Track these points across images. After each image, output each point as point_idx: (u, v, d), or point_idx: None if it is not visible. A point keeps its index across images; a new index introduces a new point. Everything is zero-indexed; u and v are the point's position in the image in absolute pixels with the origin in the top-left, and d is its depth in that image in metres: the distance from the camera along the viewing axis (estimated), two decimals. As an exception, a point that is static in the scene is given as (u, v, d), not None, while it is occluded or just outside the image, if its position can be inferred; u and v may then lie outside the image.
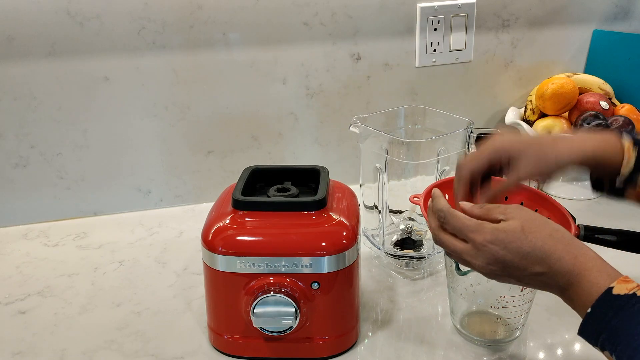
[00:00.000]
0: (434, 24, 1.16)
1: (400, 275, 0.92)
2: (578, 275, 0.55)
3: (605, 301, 0.52)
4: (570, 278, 0.55)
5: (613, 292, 0.52)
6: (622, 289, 0.52)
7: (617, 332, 0.51)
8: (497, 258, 0.58)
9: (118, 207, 1.13)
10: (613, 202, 0.69)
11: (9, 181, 1.07)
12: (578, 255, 0.56)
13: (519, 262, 0.57)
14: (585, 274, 0.55)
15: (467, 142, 0.89)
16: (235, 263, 0.70)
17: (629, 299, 0.51)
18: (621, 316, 0.51)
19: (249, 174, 0.80)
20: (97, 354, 0.76)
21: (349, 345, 0.76)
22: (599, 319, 0.52)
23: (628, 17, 1.27)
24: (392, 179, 0.91)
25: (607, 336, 0.51)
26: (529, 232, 0.57)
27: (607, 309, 0.52)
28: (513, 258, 0.57)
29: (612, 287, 0.52)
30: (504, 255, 0.57)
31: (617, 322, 0.51)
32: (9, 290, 0.90)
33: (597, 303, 0.52)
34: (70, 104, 1.04)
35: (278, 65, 1.11)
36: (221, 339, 0.75)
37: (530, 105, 1.20)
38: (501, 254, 0.57)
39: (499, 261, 0.58)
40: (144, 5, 1.01)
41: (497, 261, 0.58)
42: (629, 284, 0.52)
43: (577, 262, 0.55)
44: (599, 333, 0.52)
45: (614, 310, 0.51)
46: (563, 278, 0.56)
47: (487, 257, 0.58)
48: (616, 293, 0.52)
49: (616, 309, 0.51)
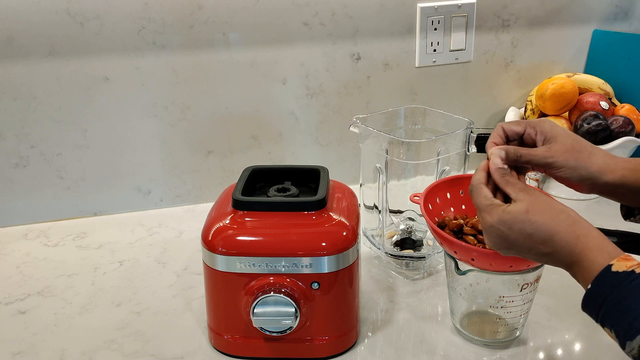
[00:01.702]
0: (434, 24, 1.16)
1: (400, 275, 0.92)
2: (580, 254, 0.57)
3: (604, 278, 0.54)
4: (573, 257, 0.57)
5: (612, 269, 0.54)
6: (622, 267, 0.53)
7: (615, 307, 0.53)
8: (502, 237, 0.61)
9: (118, 207, 1.13)
10: (613, 202, 0.69)
11: (9, 181, 1.07)
12: (580, 235, 0.58)
13: (523, 242, 0.60)
14: (586, 252, 0.56)
15: (467, 142, 0.89)
16: (235, 263, 0.70)
17: (627, 275, 0.53)
18: (619, 292, 0.52)
19: (249, 174, 0.80)
20: (97, 354, 0.76)
21: (349, 345, 0.76)
22: (598, 295, 0.54)
23: (628, 17, 1.27)
24: (392, 179, 0.91)
25: (605, 311, 0.53)
26: (533, 214, 0.59)
27: (605, 285, 0.54)
28: (517, 238, 0.60)
29: (612, 264, 0.54)
30: (509, 235, 0.60)
31: (615, 298, 0.52)
32: (9, 290, 0.90)
33: (596, 279, 0.54)
34: (70, 104, 1.04)
35: (278, 65, 1.11)
36: (221, 339, 0.75)
37: (530, 105, 1.20)
38: (506, 234, 0.60)
39: (505, 240, 0.61)
40: (144, 5, 1.01)
41: (502, 240, 0.61)
42: (629, 261, 0.54)
43: (579, 242, 0.57)
44: (599, 308, 0.54)
45: (611, 286, 0.53)
46: (567, 257, 0.58)
47: (494, 236, 0.61)
48: (615, 270, 0.53)
49: (614, 285, 0.53)
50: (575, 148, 0.66)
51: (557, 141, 0.67)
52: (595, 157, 0.66)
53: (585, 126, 1.09)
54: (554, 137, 0.67)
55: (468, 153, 0.90)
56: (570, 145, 0.66)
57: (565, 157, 0.66)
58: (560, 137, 0.67)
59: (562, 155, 0.66)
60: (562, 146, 0.66)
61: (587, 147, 0.67)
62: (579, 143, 0.67)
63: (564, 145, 0.66)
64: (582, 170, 0.66)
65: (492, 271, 0.70)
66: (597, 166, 0.65)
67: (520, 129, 0.69)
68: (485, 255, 0.69)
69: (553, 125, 0.69)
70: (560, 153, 0.66)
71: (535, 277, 0.72)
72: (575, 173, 0.66)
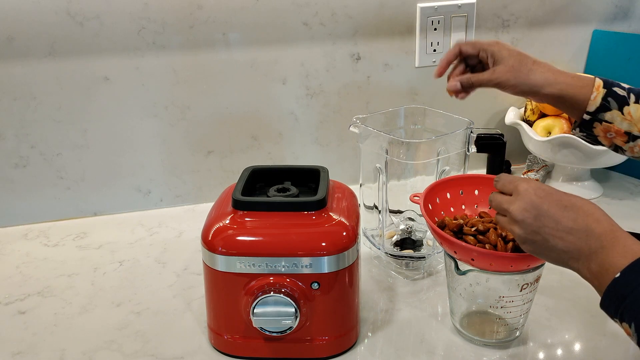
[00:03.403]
0: (434, 24, 1.15)
1: (400, 275, 0.92)
2: (613, 239, 0.55)
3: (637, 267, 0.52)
4: (603, 241, 0.56)
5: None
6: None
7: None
8: (534, 204, 0.60)
9: (118, 207, 1.13)
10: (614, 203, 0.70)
11: (9, 181, 1.07)
12: (613, 223, 0.57)
13: (554, 213, 0.58)
14: (621, 238, 0.55)
15: (467, 142, 0.89)
16: (235, 263, 0.70)
17: None
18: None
19: (249, 174, 0.80)
20: (97, 354, 0.76)
21: (349, 345, 0.76)
22: (626, 284, 0.52)
23: (628, 17, 1.27)
24: (392, 179, 0.91)
25: (630, 301, 0.52)
26: (571, 195, 0.60)
27: (636, 274, 0.52)
28: (550, 208, 0.59)
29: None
30: (542, 203, 0.59)
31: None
32: (9, 290, 0.90)
33: (628, 268, 0.53)
34: (70, 104, 1.04)
35: (278, 65, 1.11)
36: (221, 339, 0.75)
37: (530, 105, 1.20)
38: (539, 202, 0.59)
39: (535, 207, 0.60)
40: (144, 5, 1.01)
41: (533, 207, 0.60)
42: None
43: (614, 228, 0.57)
44: (623, 298, 0.52)
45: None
46: (597, 240, 0.56)
47: (526, 201, 0.60)
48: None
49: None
50: (515, 67, 0.78)
51: (502, 62, 0.79)
52: (534, 73, 0.78)
53: (585, 126, 1.09)
54: (500, 59, 0.80)
55: (468, 153, 0.90)
56: (511, 66, 0.79)
57: (507, 77, 0.79)
58: (504, 59, 0.79)
59: (505, 75, 0.79)
60: (504, 67, 0.79)
61: (527, 64, 0.79)
62: (519, 62, 0.79)
63: (506, 66, 0.79)
64: (522, 86, 0.79)
65: (492, 271, 0.70)
66: (534, 81, 0.78)
67: (473, 51, 0.83)
68: (485, 255, 0.69)
69: (500, 47, 0.81)
70: (502, 73, 0.79)
71: (535, 277, 0.72)
72: (518, 89, 0.79)
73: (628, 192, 1.15)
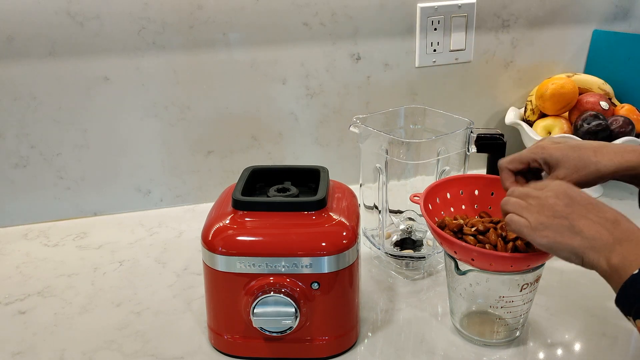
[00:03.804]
0: (434, 24, 1.16)
1: (400, 275, 0.92)
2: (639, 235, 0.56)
3: None
4: (630, 235, 0.56)
5: None
6: None
7: None
8: (567, 192, 0.61)
9: (118, 207, 1.13)
10: (614, 203, 0.70)
11: (9, 181, 1.07)
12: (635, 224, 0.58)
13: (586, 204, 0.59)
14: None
15: (467, 142, 0.89)
16: (235, 263, 0.70)
17: None
18: None
19: (249, 174, 0.80)
20: (97, 354, 0.76)
21: (349, 345, 0.76)
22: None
23: (628, 17, 1.27)
24: (392, 179, 0.91)
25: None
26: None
27: None
28: (581, 200, 0.60)
29: None
30: (574, 193, 0.60)
31: None
32: (9, 290, 0.90)
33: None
34: (70, 104, 1.04)
35: (278, 65, 1.11)
36: (221, 339, 0.75)
37: (530, 105, 1.20)
38: (571, 191, 0.60)
39: (567, 196, 0.60)
40: (144, 5, 1.01)
41: (565, 195, 0.60)
42: None
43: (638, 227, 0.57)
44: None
45: None
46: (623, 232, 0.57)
47: (557, 190, 0.61)
48: None
49: None
50: (578, 167, 0.68)
51: (561, 166, 0.69)
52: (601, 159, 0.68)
53: (585, 126, 1.09)
54: (556, 163, 0.69)
55: (468, 153, 0.90)
56: (574, 167, 0.68)
57: (575, 177, 0.68)
58: (561, 162, 0.69)
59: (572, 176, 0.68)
60: (566, 170, 0.68)
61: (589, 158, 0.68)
62: (579, 160, 0.68)
63: (568, 169, 0.68)
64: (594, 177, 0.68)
65: (492, 271, 0.70)
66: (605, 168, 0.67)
67: (523, 166, 0.73)
68: (485, 255, 0.69)
69: (554, 149, 0.70)
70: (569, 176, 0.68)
71: (535, 277, 0.72)
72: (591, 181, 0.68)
73: (628, 192, 1.15)
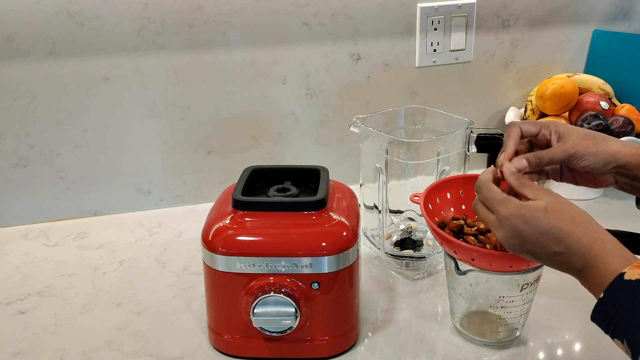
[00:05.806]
0: (434, 24, 1.16)
1: (400, 275, 0.92)
2: (594, 258, 0.55)
3: (617, 286, 0.53)
4: (587, 259, 0.56)
5: (625, 277, 0.52)
6: (635, 274, 0.52)
7: (628, 316, 0.51)
8: (516, 232, 0.60)
9: (118, 207, 1.13)
10: (613, 202, 0.70)
11: (9, 181, 1.07)
12: (597, 238, 0.57)
13: (537, 239, 0.58)
14: (601, 256, 0.55)
15: (467, 142, 0.89)
16: (235, 263, 0.70)
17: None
18: (631, 301, 0.51)
19: (249, 174, 0.80)
20: (97, 354, 0.76)
21: (349, 345, 0.76)
22: (611, 304, 0.53)
23: (628, 17, 1.27)
24: (392, 179, 0.91)
25: (618, 320, 0.52)
26: (551, 213, 0.58)
27: (619, 293, 0.52)
28: (532, 234, 0.59)
29: (625, 272, 0.53)
30: (523, 230, 0.59)
31: (629, 306, 0.51)
32: (9, 290, 0.90)
33: (609, 287, 0.53)
34: (70, 104, 1.04)
35: (278, 65, 1.11)
36: (221, 339, 0.75)
37: (530, 105, 1.20)
38: (521, 229, 0.59)
39: (518, 235, 0.60)
40: (144, 5, 1.01)
41: (516, 235, 0.60)
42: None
43: (595, 245, 0.56)
44: (611, 318, 0.53)
45: (624, 295, 0.52)
46: (580, 259, 0.56)
47: (508, 230, 0.60)
48: (628, 278, 0.52)
49: (627, 294, 0.52)
50: (589, 136, 0.68)
51: (571, 134, 0.68)
52: (610, 141, 0.68)
53: (585, 126, 1.09)
54: (567, 132, 0.69)
55: (468, 153, 0.90)
56: (584, 135, 0.68)
57: (584, 145, 0.67)
58: (572, 131, 0.69)
59: (581, 144, 0.67)
60: (577, 137, 0.68)
61: (599, 134, 0.69)
62: (591, 132, 0.69)
63: (578, 137, 0.68)
64: (603, 154, 0.67)
65: (492, 271, 0.70)
66: (615, 149, 0.67)
67: (535, 130, 0.70)
68: (485, 255, 0.69)
69: (563, 123, 0.71)
70: (577, 143, 0.67)
71: (535, 277, 0.72)
72: (599, 158, 0.67)
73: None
